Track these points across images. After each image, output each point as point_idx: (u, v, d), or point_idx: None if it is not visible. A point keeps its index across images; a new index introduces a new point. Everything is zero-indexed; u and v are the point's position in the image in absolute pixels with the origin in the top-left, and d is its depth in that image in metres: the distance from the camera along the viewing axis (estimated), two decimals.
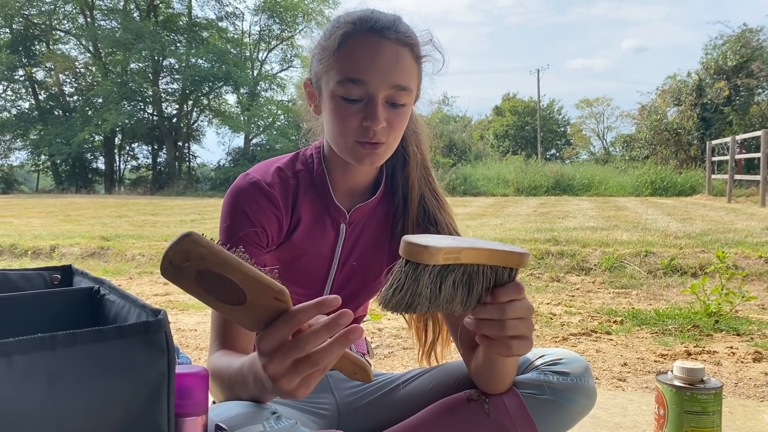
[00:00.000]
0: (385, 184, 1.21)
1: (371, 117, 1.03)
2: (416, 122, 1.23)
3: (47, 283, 1.01)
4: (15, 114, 25.48)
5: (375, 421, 1.18)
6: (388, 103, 1.05)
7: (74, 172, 25.08)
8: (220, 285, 0.73)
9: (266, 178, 1.13)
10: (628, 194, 15.55)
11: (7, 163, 26.44)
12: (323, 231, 1.17)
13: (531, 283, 4.26)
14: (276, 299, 0.75)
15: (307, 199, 1.16)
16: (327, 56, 1.06)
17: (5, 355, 0.60)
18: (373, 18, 1.05)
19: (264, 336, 0.76)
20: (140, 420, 0.68)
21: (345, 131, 1.05)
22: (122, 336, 0.66)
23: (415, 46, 1.07)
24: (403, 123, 1.08)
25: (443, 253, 0.79)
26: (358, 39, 1.03)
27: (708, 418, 1.24)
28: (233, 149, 25.85)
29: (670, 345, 2.67)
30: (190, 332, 2.97)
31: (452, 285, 0.82)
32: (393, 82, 1.03)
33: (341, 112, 1.04)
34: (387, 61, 1.03)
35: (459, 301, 0.84)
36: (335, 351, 0.75)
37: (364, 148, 1.05)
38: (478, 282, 0.84)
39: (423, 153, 1.22)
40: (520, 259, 0.86)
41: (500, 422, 1.09)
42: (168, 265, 0.72)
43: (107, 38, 24.12)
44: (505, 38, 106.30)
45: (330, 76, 1.05)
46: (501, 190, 16.75)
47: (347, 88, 1.03)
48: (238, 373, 0.89)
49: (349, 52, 1.03)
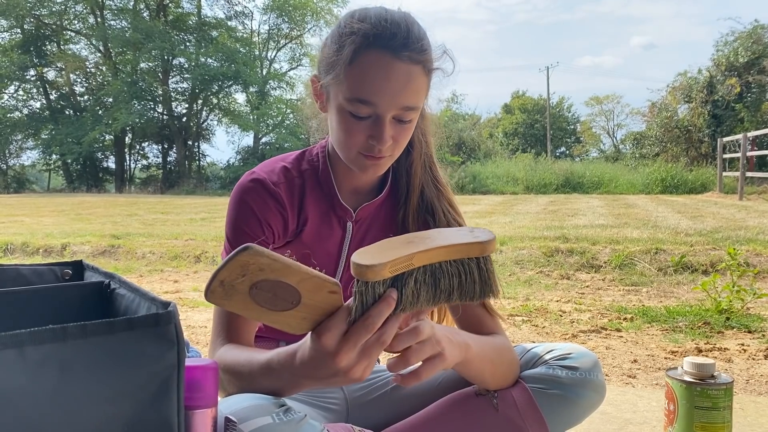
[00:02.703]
0: (392, 181, 1.21)
1: (378, 137, 1.03)
2: (424, 121, 1.22)
3: (58, 278, 1.02)
4: (26, 114, 25.65)
5: (383, 415, 1.18)
6: (395, 119, 1.04)
7: (85, 172, 25.22)
8: (274, 293, 0.74)
9: (272, 177, 1.13)
10: (638, 192, 15.46)
11: (19, 163, 26.66)
12: (330, 229, 1.18)
13: (541, 280, 4.25)
14: (331, 292, 0.78)
15: (313, 199, 1.16)
16: (338, 68, 1.03)
17: (18, 346, 0.60)
18: (387, 31, 1.00)
19: (325, 332, 0.79)
20: (150, 412, 0.68)
21: (350, 144, 1.06)
22: (132, 328, 0.67)
23: (427, 62, 1.04)
24: (408, 135, 1.08)
25: (389, 267, 0.78)
26: (371, 57, 1.00)
27: (718, 413, 1.23)
28: (243, 148, 25.93)
29: (681, 342, 2.65)
30: (200, 329, 2.99)
31: (414, 285, 0.82)
32: (402, 104, 1.02)
33: (348, 126, 1.04)
34: (398, 83, 1.00)
35: (426, 300, 0.83)
36: (395, 326, 0.81)
37: (368, 159, 1.06)
38: (443, 277, 0.83)
39: (427, 140, 1.22)
40: (482, 248, 0.84)
41: (509, 417, 1.09)
42: (218, 286, 0.72)
43: (117, 38, 24.23)
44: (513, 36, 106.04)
45: (340, 90, 1.03)
46: (510, 188, 16.70)
47: (356, 106, 1.02)
48: (266, 367, 0.90)
49: (360, 71, 1.00)
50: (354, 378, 0.82)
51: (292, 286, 0.74)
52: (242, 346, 1.02)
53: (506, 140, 31.39)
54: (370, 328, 0.79)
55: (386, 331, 0.81)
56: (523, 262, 4.71)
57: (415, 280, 0.81)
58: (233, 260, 0.70)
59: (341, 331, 0.79)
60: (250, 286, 0.72)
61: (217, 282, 0.71)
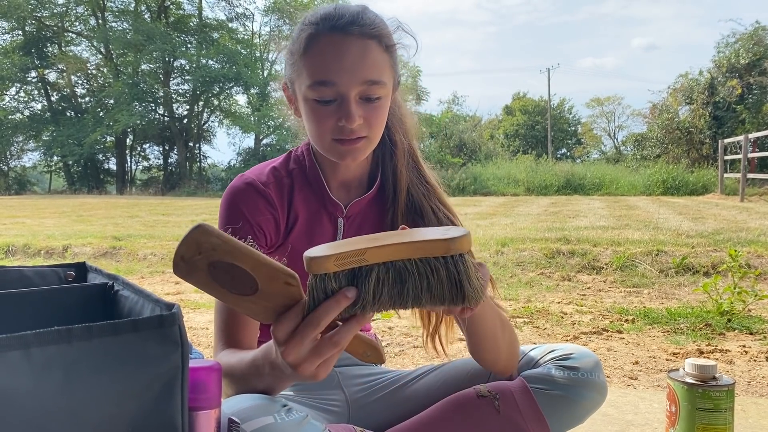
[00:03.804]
0: (381, 181, 1.21)
1: (345, 116, 1.03)
2: (401, 109, 1.23)
3: (62, 280, 1.02)
4: (28, 115, 25.67)
5: (385, 417, 1.19)
6: (362, 98, 1.05)
7: (86, 173, 25.24)
8: (232, 276, 0.75)
9: (261, 178, 1.15)
10: (639, 193, 15.45)
11: (20, 164, 26.71)
12: (321, 227, 1.18)
13: (542, 282, 4.25)
14: (287, 284, 0.77)
15: (302, 197, 1.17)
16: (295, 61, 1.07)
17: (23, 347, 0.61)
18: (335, 15, 1.04)
19: (278, 324, 0.77)
20: (154, 413, 0.68)
21: (322, 132, 1.06)
22: (136, 330, 0.67)
23: (382, 37, 1.06)
24: (380, 116, 1.08)
25: (334, 260, 0.76)
26: (322, 40, 1.03)
27: (720, 415, 1.23)
28: (244, 149, 25.94)
29: (682, 344, 2.65)
30: (202, 330, 2.99)
31: (376, 284, 0.77)
32: (363, 78, 1.03)
33: (316, 114, 1.05)
34: (354, 58, 1.02)
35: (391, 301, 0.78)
36: (353, 329, 0.77)
37: (344, 144, 1.06)
38: (410, 278, 0.77)
39: (410, 140, 1.22)
40: (446, 247, 0.76)
41: (510, 418, 1.09)
42: (180, 260, 0.74)
43: (118, 40, 24.26)
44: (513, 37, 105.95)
45: (301, 81, 1.06)
46: (511, 189, 16.69)
47: (318, 90, 1.03)
48: (252, 365, 0.91)
49: (315, 54, 1.03)
50: (305, 375, 0.79)
51: (246, 271, 0.74)
52: (240, 350, 1.02)
53: (507, 142, 31.38)
54: (314, 323, 0.76)
55: (340, 332, 0.77)
56: (525, 263, 4.71)
57: (376, 278, 0.77)
58: (187, 237, 0.72)
59: (293, 325, 0.77)
60: (207, 265, 0.74)
61: (178, 257, 0.73)
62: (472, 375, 1.20)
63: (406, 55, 1.13)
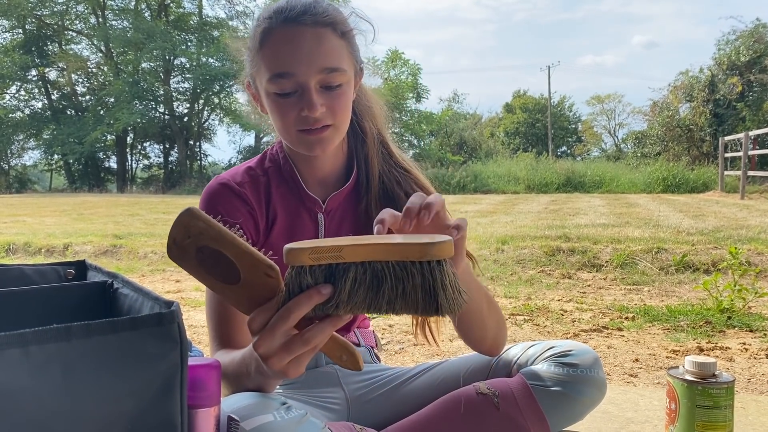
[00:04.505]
0: (357, 168, 1.21)
1: (307, 106, 1.04)
2: (368, 97, 1.23)
3: (62, 278, 1.02)
4: (28, 114, 25.67)
5: (385, 414, 1.19)
6: (323, 87, 1.05)
7: (87, 172, 25.23)
8: (218, 263, 0.76)
9: (236, 178, 1.16)
10: (639, 191, 15.44)
11: (21, 163, 26.72)
12: (301, 224, 1.18)
13: (542, 279, 4.25)
14: (266, 275, 0.77)
15: (279, 194, 1.17)
16: (253, 57, 1.08)
17: (22, 345, 0.61)
18: (287, 7, 1.05)
19: (254, 316, 0.78)
20: (153, 411, 0.68)
21: (287, 125, 1.07)
22: (135, 327, 0.67)
23: (337, 24, 1.06)
24: (344, 103, 1.08)
25: (309, 253, 0.75)
26: (276, 33, 1.04)
27: (720, 412, 1.23)
28: (244, 147, 25.94)
29: (682, 341, 2.66)
30: (202, 328, 2.99)
31: (352, 284, 0.75)
32: (320, 66, 1.03)
33: (279, 107, 1.06)
34: (309, 47, 1.03)
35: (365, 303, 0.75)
36: (326, 330, 0.77)
37: (310, 135, 1.07)
38: (385, 281, 0.74)
39: (379, 127, 1.23)
40: (421, 251, 0.73)
41: (509, 414, 1.10)
42: (172, 244, 0.76)
43: (119, 38, 24.24)
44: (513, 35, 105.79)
45: (261, 76, 1.07)
46: (512, 187, 16.69)
47: (278, 83, 1.04)
48: (241, 362, 0.91)
49: (270, 48, 1.04)
50: (276, 370, 0.78)
51: (230, 259, 0.76)
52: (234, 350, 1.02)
53: (507, 139, 31.36)
54: (284, 317, 0.75)
55: (312, 330, 0.76)
56: (525, 261, 4.71)
57: (353, 278, 0.75)
58: (177, 220, 0.75)
59: (267, 317, 0.77)
60: (196, 250, 0.76)
61: (171, 240, 0.76)
62: (471, 372, 1.20)
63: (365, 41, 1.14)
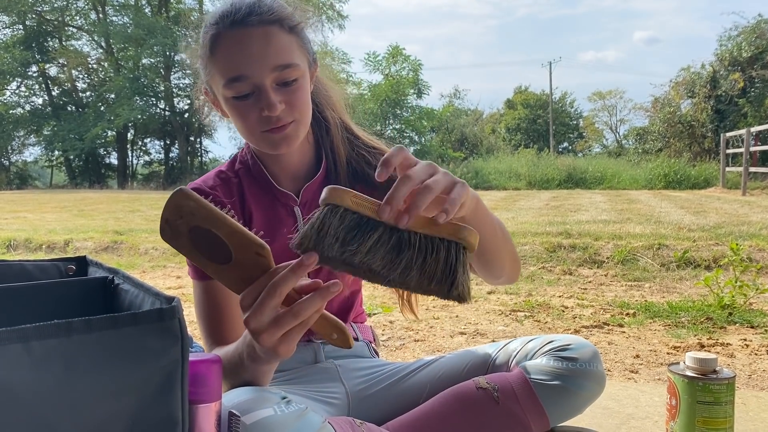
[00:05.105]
0: (325, 157, 1.22)
1: (266, 106, 1.04)
2: (325, 86, 1.24)
3: (62, 274, 1.02)
4: (29, 110, 25.66)
5: (385, 409, 1.19)
6: (279, 84, 1.05)
7: (87, 168, 25.24)
8: (210, 243, 0.77)
9: (207, 182, 1.18)
10: (641, 187, 15.43)
11: (22, 159, 26.71)
12: (279, 220, 1.19)
13: (543, 276, 4.25)
14: (257, 254, 0.78)
15: (253, 194, 1.18)
16: (206, 64, 1.08)
17: (23, 341, 0.61)
18: (232, 10, 1.05)
19: (245, 293, 0.78)
20: (154, 406, 0.68)
21: (249, 127, 1.08)
22: (136, 323, 0.67)
23: (283, 20, 1.07)
24: (302, 97, 1.08)
25: (351, 196, 0.76)
26: (225, 37, 1.04)
27: (720, 408, 1.23)
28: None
29: (683, 337, 2.66)
30: None
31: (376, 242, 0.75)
32: (273, 64, 1.04)
33: (239, 111, 1.07)
34: (259, 47, 1.03)
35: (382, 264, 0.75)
36: (315, 303, 0.76)
37: (273, 134, 1.07)
38: (408, 247, 0.75)
39: (340, 114, 1.24)
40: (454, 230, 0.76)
41: (509, 409, 1.10)
42: (165, 224, 0.77)
43: (119, 34, 24.22)
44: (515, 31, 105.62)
45: (216, 82, 1.07)
46: (513, 183, 16.68)
47: (234, 87, 1.04)
48: (234, 353, 0.92)
49: (221, 53, 1.05)
50: (267, 347, 0.78)
51: (222, 238, 0.77)
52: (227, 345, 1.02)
53: (509, 136, 31.34)
54: (272, 292, 0.75)
55: (302, 304, 0.76)
56: (526, 257, 4.71)
57: (379, 237, 0.75)
58: (169, 200, 0.76)
59: (257, 293, 0.77)
60: (188, 230, 0.77)
61: (163, 220, 0.77)
62: (471, 367, 1.21)
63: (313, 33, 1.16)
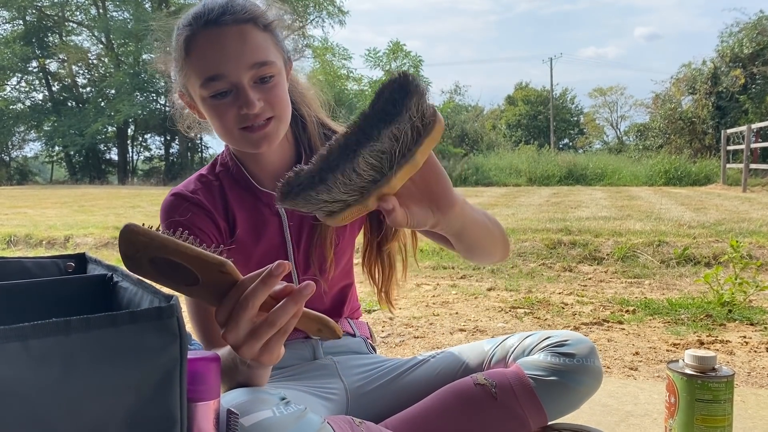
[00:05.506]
0: (305, 154, 1.22)
1: (245, 104, 1.04)
2: (300, 85, 1.25)
3: (61, 271, 1.02)
4: (29, 105, 25.68)
5: (383, 405, 1.19)
6: (256, 82, 1.06)
7: (88, 163, 25.26)
8: (174, 268, 0.76)
9: (188, 187, 1.17)
10: (641, 184, 15.43)
11: (22, 155, 26.76)
12: (264, 221, 1.19)
13: (543, 272, 4.25)
14: (220, 272, 0.77)
15: (235, 196, 1.18)
16: (181, 66, 1.08)
17: (21, 339, 0.60)
18: (205, 10, 1.05)
19: (219, 308, 0.78)
20: (153, 405, 0.68)
21: (227, 125, 1.07)
22: (135, 321, 0.67)
23: (257, 18, 1.07)
24: (280, 94, 1.08)
25: None
26: (200, 37, 1.05)
27: (719, 406, 1.23)
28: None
29: (683, 334, 2.66)
30: None
31: None
32: (249, 62, 1.04)
33: (217, 110, 1.06)
34: (234, 46, 1.03)
35: None
36: (289, 310, 0.75)
37: (253, 132, 1.07)
38: None
39: (316, 111, 1.25)
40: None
41: (507, 405, 1.10)
42: (125, 259, 0.76)
43: (119, 29, 24.20)
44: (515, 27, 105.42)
45: (192, 83, 1.07)
46: (513, 180, 16.67)
47: (211, 86, 1.04)
48: (229, 356, 0.91)
49: (197, 53, 1.05)
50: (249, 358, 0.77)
51: (183, 264, 0.75)
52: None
53: (509, 132, 31.31)
54: (244, 306, 0.74)
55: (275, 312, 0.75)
56: (526, 254, 4.71)
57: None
58: (120, 237, 0.74)
59: (230, 308, 0.76)
60: (149, 261, 0.75)
61: (122, 255, 0.75)
62: (470, 363, 1.21)
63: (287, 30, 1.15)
